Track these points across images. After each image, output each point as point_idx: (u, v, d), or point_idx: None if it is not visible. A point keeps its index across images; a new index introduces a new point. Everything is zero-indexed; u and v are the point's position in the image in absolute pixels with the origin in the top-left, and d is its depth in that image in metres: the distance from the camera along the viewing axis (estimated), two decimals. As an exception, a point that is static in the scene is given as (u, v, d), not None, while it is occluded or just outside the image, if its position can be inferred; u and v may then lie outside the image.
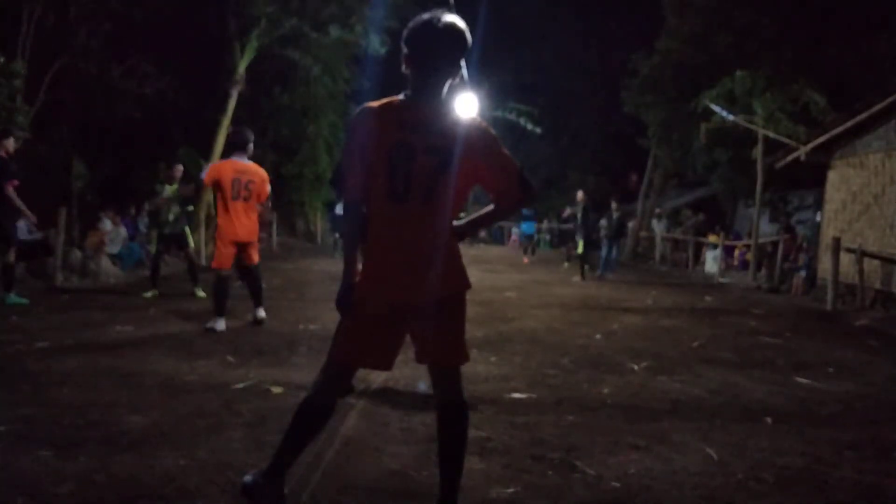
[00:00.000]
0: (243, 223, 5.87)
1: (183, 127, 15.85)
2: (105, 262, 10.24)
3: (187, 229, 8.39)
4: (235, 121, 15.70)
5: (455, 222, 2.28)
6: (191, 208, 8.64)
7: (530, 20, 28.28)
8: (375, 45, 15.86)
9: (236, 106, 15.24)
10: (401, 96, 2.21)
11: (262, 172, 6.07)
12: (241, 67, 14.82)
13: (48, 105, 12.05)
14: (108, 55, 12.76)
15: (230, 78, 14.72)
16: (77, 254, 10.02)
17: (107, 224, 11.28)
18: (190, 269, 8.42)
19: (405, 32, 2.19)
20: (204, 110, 15.41)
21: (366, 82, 19.26)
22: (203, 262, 12.93)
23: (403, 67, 2.21)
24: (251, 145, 6.00)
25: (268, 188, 6.13)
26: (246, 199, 5.85)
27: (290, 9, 14.31)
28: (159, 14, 13.17)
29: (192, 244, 8.45)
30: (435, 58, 2.16)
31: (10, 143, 6.89)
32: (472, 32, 2.19)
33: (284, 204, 20.38)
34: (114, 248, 11.05)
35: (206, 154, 14.97)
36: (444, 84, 2.20)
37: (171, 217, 8.19)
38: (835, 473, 2.99)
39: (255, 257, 6.17)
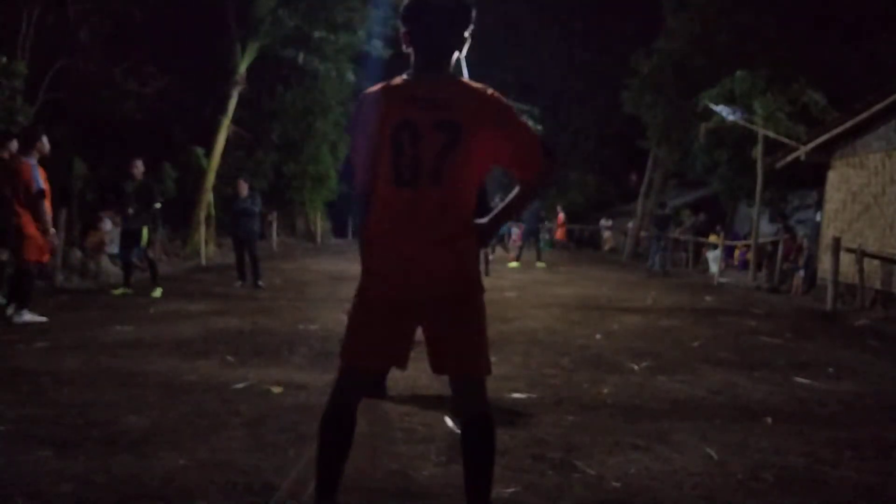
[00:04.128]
0: None
1: (184, 126, 15.85)
2: (105, 262, 10.24)
3: (145, 228, 8.20)
4: (237, 121, 15.74)
5: (478, 220, 2.09)
6: (158, 205, 8.47)
7: (531, 20, 28.28)
8: (378, 49, 15.87)
9: (238, 105, 15.26)
10: (403, 76, 2.09)
11: None
12: (242, 68, 14.83)
13: (48, 105, 12.05)
14: (109, 55, 12.77)
15: (231, 78, 14.73)
16: (77, 254, 10.02)
17: (107, 224, 11.28)
18: (150, 268, 8.28)
19: (402, 9, 2.07)
20: (205, 110, 15.43)
21: (367, 83, 19.27)
22: (203, 262, 12.95)
23: (404, 46, 2.09)
24: None
25: None
26: None
27: (292, 10, 14.32)
28: (160, 14, 13.18)
29: (144, 242, 8.20)
30: (435, 33, 2.04)
31: (14, 145, 6.84)
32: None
33: (285, 203, 20.38)
34: (114, 248, 11.04)
35: (208, 153, 14.99)
36: (448, 58, 2.07)
37: (130, 211, 8.15)
38: (835, 473, 2.99)
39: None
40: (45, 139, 6.29)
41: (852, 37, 14.93)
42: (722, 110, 13.52)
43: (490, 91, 2.05)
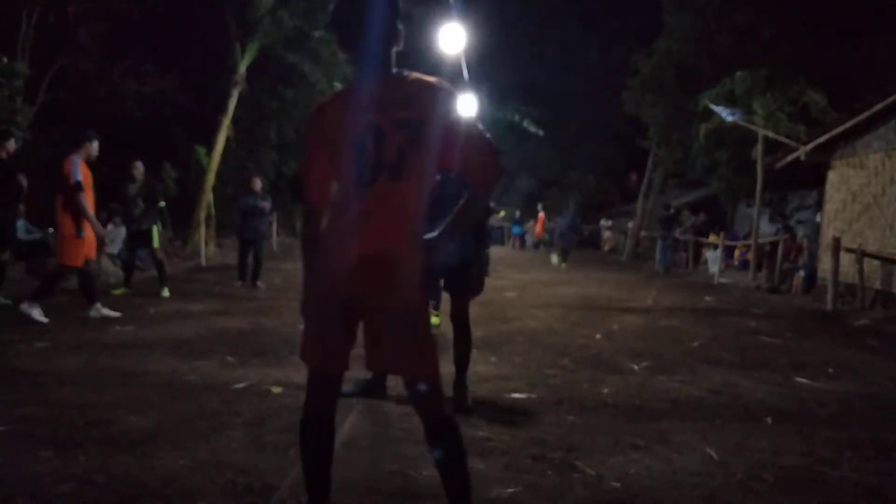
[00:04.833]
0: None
1: (184, 126, 15.86)
2: (105, 262, 10.24)
3: (155, 228, 8.18)
4: (237, 121, 15.75)
5: (427, 235, 2.01)
6: (162, 204, 8.48)
7: (531, 20, 28.30)
8: None
9: (238, 105, 15.25)
10: (352, 82, 2.06)
11: None
12: (242, 67, 14.82)
13: (48, 105, 12.07)
14: (108, 55, 12.79)
15: (231, 78, 14.73)
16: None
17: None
18: (158, 268, 8.28)
19: (330, 18, 2.08)
20: (205, 110, 15.44)
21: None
22: (203, 262, 12.95)
23: (341, 54, 2.10)
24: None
25: None
26: None
27: (291, 10, 14.32)
28: (159, 13, 13.20)
29: (157, 243, 8.21)
30: (365, 31, 2.00)
31: (11, 145, 6.87)
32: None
33: (285, 203, 20.38)
34: (114, 248, 11.04)
35: (208, 153, 14.99)
36: (387, 54, 2.02)
37: (137, 213, 8.15)
38: (835, 473, 2.98)
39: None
40: (95, 143, 6.28)
41: (852, 37, 14.91)
42: (721, 111, 13.53)
43: (445, 84, 2.02)
